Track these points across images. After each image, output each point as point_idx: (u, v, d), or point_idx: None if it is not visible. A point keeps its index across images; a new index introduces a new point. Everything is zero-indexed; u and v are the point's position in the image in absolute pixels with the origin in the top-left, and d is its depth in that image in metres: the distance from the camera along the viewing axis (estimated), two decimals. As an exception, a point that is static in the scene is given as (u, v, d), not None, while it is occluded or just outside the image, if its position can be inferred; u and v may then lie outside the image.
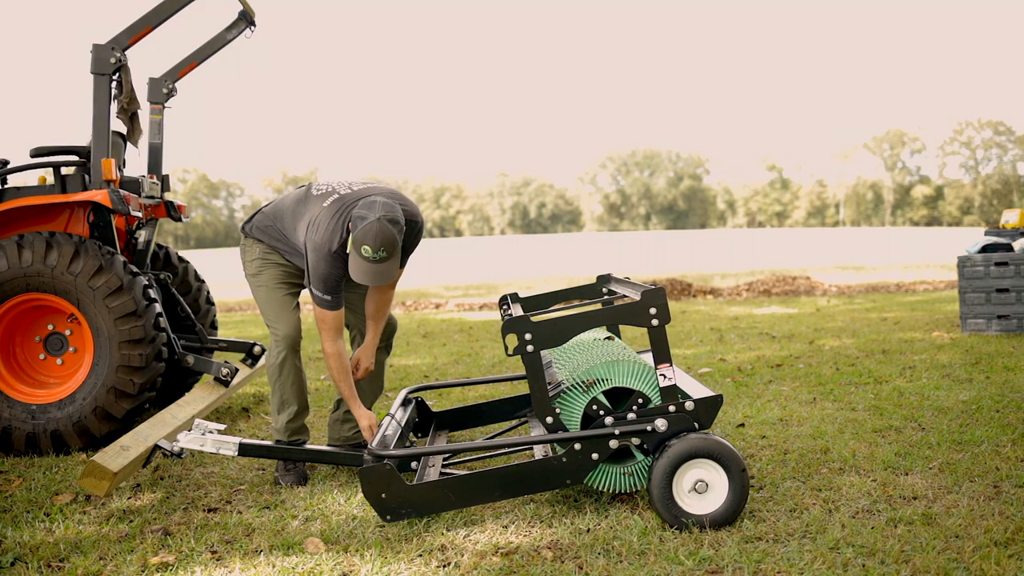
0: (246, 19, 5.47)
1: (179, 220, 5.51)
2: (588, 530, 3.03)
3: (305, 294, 4.07)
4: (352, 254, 3.50)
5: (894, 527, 2.94)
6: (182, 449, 3.66)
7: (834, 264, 23.80)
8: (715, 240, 52.10)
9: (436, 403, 5.41)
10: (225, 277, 17.35)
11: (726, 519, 3.01)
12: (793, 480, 3.52)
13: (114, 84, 4.78)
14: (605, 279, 4.39)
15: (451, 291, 19.24)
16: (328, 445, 4.17)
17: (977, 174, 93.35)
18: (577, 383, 3.26)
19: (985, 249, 7.94)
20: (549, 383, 3.31)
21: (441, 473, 3.60)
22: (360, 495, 3.56)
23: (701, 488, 3.03)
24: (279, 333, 3.91)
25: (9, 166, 4.85)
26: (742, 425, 4.54)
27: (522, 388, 5.95)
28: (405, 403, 4.26)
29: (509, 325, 3.13)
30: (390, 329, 4.21)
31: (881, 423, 4.42)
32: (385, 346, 4.20)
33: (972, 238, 9.17)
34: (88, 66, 4.69)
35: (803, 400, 5.12)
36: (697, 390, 3.38)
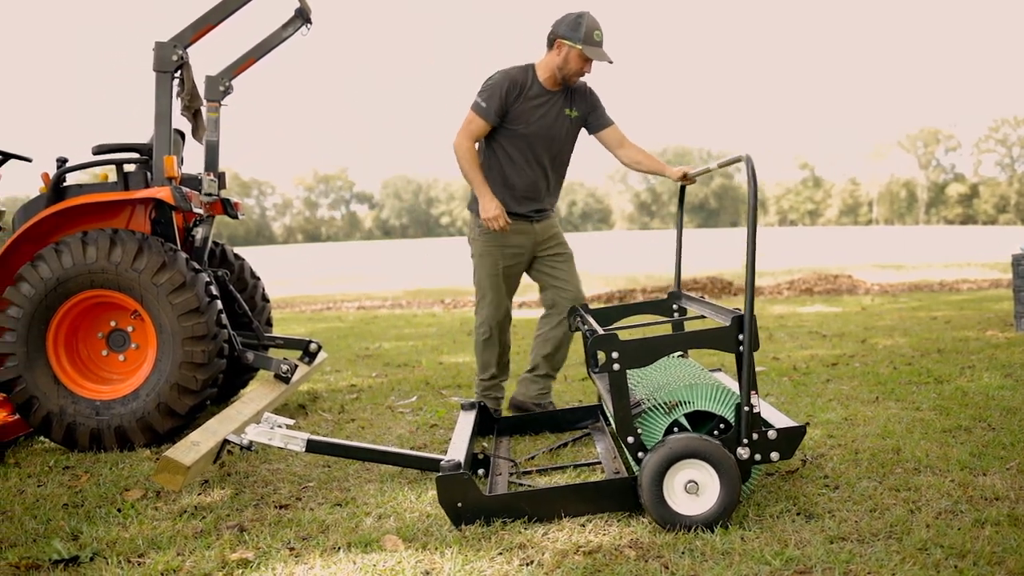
0: (303, 16, 5.46)
1: (235, 217, 5.53)
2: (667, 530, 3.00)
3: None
4: (587, 49, 4.30)
5: (981, 528, 2.89)
6: (251, 442, 3.67)
7: (872, 263, 23.58)
8: (746, 238, 51.69)
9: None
10: (261, 276, 17.23)
11: (717, 520, 2.98)
12: (869, 480, 3.46)
13: (176, 81, 4.80)
14: (676, 296, 4.37)
15: (487, 289, 19.20)
16: (514, 401, 4.94)
17: (1013, 172, 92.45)
18: (659, 404, 3.23)
19: (1040, 247, 7.82)
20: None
21: (509, 482, 3.62)
22: (431, 492, 3.54)
23: (692, 489, 2.99)
24: (482, 314, 4.76)
25: (72, 164, 4.87)
26: (807, 424, 4.49)
27: (570, 397, 5.94)
28: (469, 407, 4.26)
29: (598, 342, 3.11)
30: (572, 295, 4.83)
31: (949, 423, 4.35)
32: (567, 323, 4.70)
33: (1010, 236, 9.04)
34: (151, 64, 4.71)
35: (865, 399, 5.06)
36: (780, 419, 3.33)
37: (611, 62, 4.37)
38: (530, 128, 4.52)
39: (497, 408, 4.86)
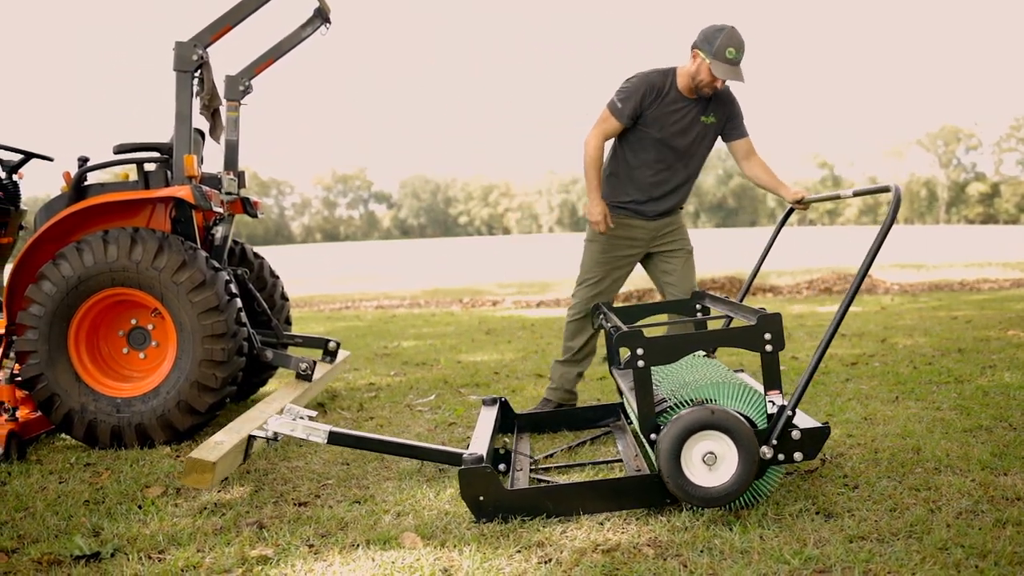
0: (321, 16, 5.48)
1: (255, 216, 5.55)
2: (686, 528, 2.99)
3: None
4: (715, 64, 4.26)
5: (1002, 528, 2.87)
6: (275, 433, 3.68)
7: (892, 262, 23.43)
8: (766, 238, 51.54)
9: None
10: (280, 275, 17.27)
11: (727, 497, 3.01)
12: (889, 479, 3.45)
13: (196, 81, 4.83)
14: (700, 296, 4.37)
15: (505, 288, 19.26)
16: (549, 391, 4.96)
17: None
18: (683, 402, 3.23)
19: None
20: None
21: (531, 478, 3.62)
22: (450, 490, 3.55)
23: (710, 461, 3.01)
24: (578, 296, 4.83)
25: (93, 163, 4.90)
26: (826, 423, 4.46)
27: (588, 396, 5.93)
28: (490, 403, 4.26)
29: (623, 339, 3.11)
30: (682, 292, 4.76)
31: (970, 423, 4.32)
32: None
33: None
34: (170, 64, 4.74)
35: (885, 399, 5.03)
36: (803, 420, 3.34)
37: (742, 81, 4.34)
38: (663, 132, 4.53)
39: (565, 402, 4.93)
